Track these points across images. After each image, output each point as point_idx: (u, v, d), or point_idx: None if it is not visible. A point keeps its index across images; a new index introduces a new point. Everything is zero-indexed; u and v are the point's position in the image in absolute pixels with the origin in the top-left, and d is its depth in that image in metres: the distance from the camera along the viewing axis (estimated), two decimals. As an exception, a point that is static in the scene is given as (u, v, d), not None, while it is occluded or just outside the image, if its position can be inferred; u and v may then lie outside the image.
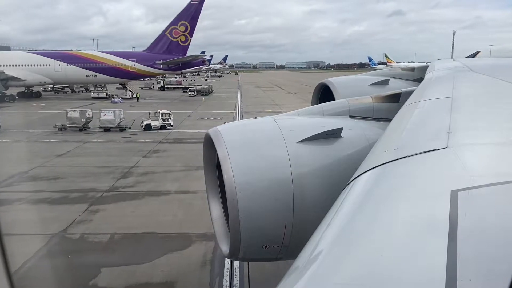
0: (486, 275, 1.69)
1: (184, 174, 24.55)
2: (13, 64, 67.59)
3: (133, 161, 27.58)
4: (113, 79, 72.75)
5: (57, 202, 19.85)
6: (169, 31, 72.84)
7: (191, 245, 15.18)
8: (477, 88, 5.83)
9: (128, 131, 39.63)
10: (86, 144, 33.54)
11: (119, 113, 39.99)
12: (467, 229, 1.99)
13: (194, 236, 15.97)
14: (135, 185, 22.53)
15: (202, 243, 15.34)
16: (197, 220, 17.35)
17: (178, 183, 22.90)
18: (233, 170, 5.10)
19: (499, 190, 2.34)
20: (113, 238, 15.72)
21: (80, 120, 39.33)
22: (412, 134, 3.84)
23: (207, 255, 14.40)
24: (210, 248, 14.88)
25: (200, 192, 21.09)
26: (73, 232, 16.28)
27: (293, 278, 2.02)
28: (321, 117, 6.61)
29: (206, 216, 19.21)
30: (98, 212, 18.38)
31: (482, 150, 3.11)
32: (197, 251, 14.68)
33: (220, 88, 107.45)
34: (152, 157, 29.19)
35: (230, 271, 13.26)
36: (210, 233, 16.14)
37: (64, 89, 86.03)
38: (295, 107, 8.46)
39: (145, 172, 25.07)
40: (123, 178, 23.70)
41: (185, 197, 20.52)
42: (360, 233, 2.28)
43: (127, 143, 34.46)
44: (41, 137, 36.47)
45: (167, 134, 37.97)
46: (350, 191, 2.86)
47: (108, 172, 24.89)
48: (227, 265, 13.60)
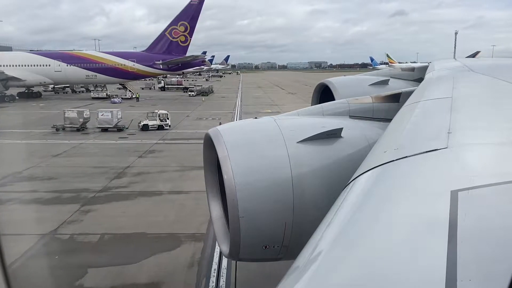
0: (486, 275, 1.69)
1: (179, 175, 24.54)
2: (13, 65, 67.81)
3: (128, 161, 27.60)
4: (113, 79, 72.84)
5: (50, 202, 19.87)
6: (169, 31, 72.92)
7: (180, 246, 15.16)
8: (477, 88, 5.82)
9: (126, 131, 39.67)
10: (82, 144, 33.59)
11: (116, 113, 40.02)
12: (467, 229, 1.98)
13: (184, 236, 15.95)
14: (128, 185, 22.54)
15: (191, 244, 15.32)
16: (187, 221, 17.36)
17: (172, 183, 22.89)
18: (233, 170, 5.10)
19: (499, 190, 2.34)
20: (102, 239, 15.72)
21: (78, 120, 39.41)
22: (412, 134, 3.86)
23: (195, 255, 14.37)
24: (198, 249, 14.86)
25: (192, 192, 21.11)
26: (63, 232, 16.28)
27: (293, 278, 2.02)
28: (321, 117, 6.61)
29: (197, 216, 19.22)
30: (89, 213, 18.38)
31: (482, 150, 3.10)
32: (185, 252, 14.65)
33: (221, 88, 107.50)
34: (148, 157, 29.20)
35: (217, 272, 13.23)
36: (199, 234, 16.20)
37: (65, 89, 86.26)
38: (295, 107, 8.43)
39: (139, 172, 25.08)
40: (117, 179, 23.71)
41: (177, 198, 20.50)
42: (360, 233, 2.28)
43: (123, 143, 34.49)
44: (38, 137, 36.53)
45: (165, 135, 37.99)
46: (350, 191, 2.87)
47: (103, 172, 24.90)
48: (215, 266, 13.59)
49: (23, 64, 68.36)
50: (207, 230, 16.41)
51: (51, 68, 69.10)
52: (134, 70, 71.44)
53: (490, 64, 9.37)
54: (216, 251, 14.56)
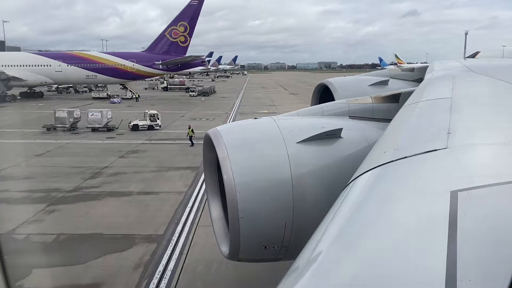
0: (486, 275, 1.70)
1: (153, 175, 24.54)
2: (15, 65, 68.64)
3: (108, 161, 27.68)
4: (113, 79, 73.38)
5: (17, 202, 20.03)
6: (169, 31, 73.22)
7: (132, 247, 15.11)
8: (476, 88, 5.81)
9: (116, 131, 39.83)
10: (69, 144, 33.81)
11: (106, 113, 40.22)
12: (467, 229, 1.99)
13: (139, 238, 15.90)
14: (100, 185, 22.58)
15: (144, 245, 15.27)
16: (147, 222, 17.32)
17: (144, 184, 22.88)
18: (232, 170, 5.13)
19: (499, 190, 2.34)
20: (57, 239, 15.74)
21: (68, 120, 39.70)
22: (411, 134, 3.87)
23: (145, 257, 14.31)
24: (150, 250, 14.80)
25: (162, 193, 21.13)
26: (20, 232, 16.34)
27: (293, 278, 2.04)
28: (321, 118, 6.63)
29: (158, 218, 19.17)
30: (53, 213, 18.45)
31: (482, 150, 3.11)
32: (136, 253, 14.59)
33: (224, 88, 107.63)
34: (129, 158, 29.26)
35: (161, 274, 13.16)
36: (156, 235, 16.15)
37: (68, 89, 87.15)
38: (293, 108, 8.44)
39: (115, 172, 25.14)
40: (91, 179, 23.79)
41: (145, 199, 20.46)
42: (360, 233, 2.28)
43: (109, 143, 34.61)
44: (27, 137, 36.85)
45: (153, 135, 38.07)
46: (350, 192, 2.89)
47: (79, 172, 24.99)
48: (161, 268, 13.51)
49: (24, 64, 69.20)
50: (165, 232, 16.40)
51: (51, 68, 69.82)
52: (133, 70, 71.87)
53: (489, 64, 9.34)
54: (167, 253, 14.52)
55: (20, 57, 73.20)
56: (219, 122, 46.06)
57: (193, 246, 15.21)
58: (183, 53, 73.98)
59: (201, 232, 16.31)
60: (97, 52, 76.17)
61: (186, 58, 74.63)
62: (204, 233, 15.87)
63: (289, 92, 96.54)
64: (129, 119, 42.92)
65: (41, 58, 71.71)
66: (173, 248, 14.99)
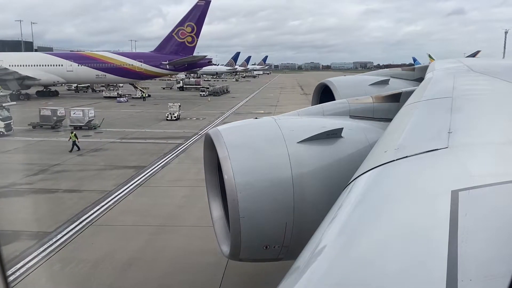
0: (486, 275, 1.70)
1: (93, 174, 24.95)
2: (30, 64, 71.69)
3: (62, 159, 28.39)
4: (122, 79, 75.27)
5: None
6: (176, 32, 74.30)
7: (13, 242, 15.46)
8: (477, 88, 5.80)
9: (97, 129, 40.78)
10: (41, 142, 34.92)
11: (87, 112, 41.27)
12: (468, 229, 2.00)
13: (26, 234, 16.27)
14: (35, 182, 23.22)
15: (24, 241, 15.61)
16: (46, 219, 17.65)
17: (78, 182, 23.29)
18: (233, 170, 5.19)
19: (499, 190, 2.35)
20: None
21: (52, 119, 41.01)
22: (412, 134, 3.91)
23: (15, 252, 14.61)
24: (27, 246, 15.09)
25: (85, 191, 21.42)
26: None
27: (294, 278, 2.05)
28: (322, 117, 6.66)
29: (60, 215, 19.07)
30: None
31: (482, 150, 3.14)
32: (12, 248, 14.91)
33: (242, 88, 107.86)
34: (85, 156, 29.89)
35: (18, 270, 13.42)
36: (43, 232, 16.44)
37: (87, 88, 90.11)
38: (292, 108, 8.50)
39: (60, 170, 25.75)
40: (33, 175, 24.49)
41: (66, 196, 20.85)
42: (361, 233, 2.31)
43: (80, 141, 35.44)
44: (12, 134, 38.29)
45: (129, 134, 38.72)
46: (351, 191, 2.91)
47: (28, 169, 25.73)
48: (20, 265, 13.77)
49: (38, 64, 72.14)
50: (55, 230, 16.66)
51: (63, 68, 72.42)
52: (141, 70, 73.38)
53: (490, 64, 9.22)
54: (39, 251, 14.78)
55: (35, 57, 76.41)
56: (206, 122, 46.44)
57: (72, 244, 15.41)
58: (190, 53, 74.84)
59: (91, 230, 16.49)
60: (107, 52, 78.28)
61: (193, 57, 75.51)
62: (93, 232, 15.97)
63: (302, 92, 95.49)
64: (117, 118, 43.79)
65: (54, 58, 74.52)
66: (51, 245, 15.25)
